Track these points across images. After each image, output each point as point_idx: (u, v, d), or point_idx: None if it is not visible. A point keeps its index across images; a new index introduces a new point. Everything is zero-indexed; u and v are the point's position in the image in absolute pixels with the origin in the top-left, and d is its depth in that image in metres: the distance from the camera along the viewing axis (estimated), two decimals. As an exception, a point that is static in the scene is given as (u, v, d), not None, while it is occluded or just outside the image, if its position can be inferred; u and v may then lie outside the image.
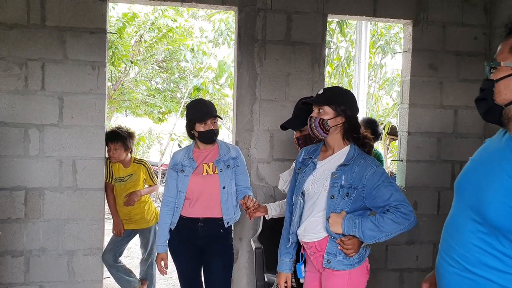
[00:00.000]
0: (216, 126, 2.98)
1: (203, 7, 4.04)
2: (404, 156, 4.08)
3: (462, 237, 1.47)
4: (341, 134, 2.32)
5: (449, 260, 1.51)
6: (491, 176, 1.38)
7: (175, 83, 11.02)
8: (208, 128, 2.93)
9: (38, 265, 3.59)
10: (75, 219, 3.62)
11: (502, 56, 1.39)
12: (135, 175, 3.99)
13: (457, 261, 1.48)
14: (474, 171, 1.50)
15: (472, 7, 4.05)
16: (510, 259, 1.35)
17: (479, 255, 1.41)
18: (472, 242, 1.43)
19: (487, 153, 1.49)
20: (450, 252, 1.51)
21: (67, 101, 3.56)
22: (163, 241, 3.00)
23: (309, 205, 2.33)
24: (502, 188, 1.33)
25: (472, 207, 1.43)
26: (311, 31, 3.85)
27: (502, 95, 1.38)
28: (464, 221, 1.47)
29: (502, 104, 1.38)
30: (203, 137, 2.97)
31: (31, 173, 3.54)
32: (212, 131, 2.95)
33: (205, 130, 2.93)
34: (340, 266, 2.24)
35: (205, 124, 2.93)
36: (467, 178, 1.53)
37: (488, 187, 1.37)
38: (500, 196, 1.33)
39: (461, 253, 1.46)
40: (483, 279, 1.40)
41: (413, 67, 4.00)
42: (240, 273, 3.90)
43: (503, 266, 1.36)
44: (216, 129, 2.99)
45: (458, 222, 1.51)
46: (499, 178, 1.34)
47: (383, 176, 2.23)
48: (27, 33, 3.48)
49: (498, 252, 1.37)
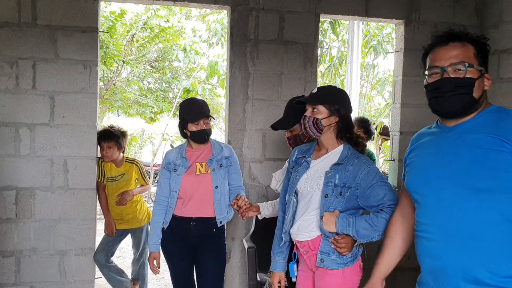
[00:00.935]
0: (208, 126, 2.98)
1: (196, 6, 4.03)
2: (396, 156, 4.10)
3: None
4: (334, 134, 2.32)
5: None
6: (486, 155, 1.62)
7: (167, 83, 10.99)
8: (201, 128, 2.93)
9: (29, 266, 3.57)
10: (67, 219, 3.60)
11: (470, 60, 1.71)
12: (127, 175, 3.98)
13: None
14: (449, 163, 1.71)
15: (464, 7, 4.08)
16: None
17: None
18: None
19: (442, 145, 1.75)
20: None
21: (58, 100, 3.54)
22: (155, 241, 2.99)
23: (303, 204, 2.33)
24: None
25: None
26: (303, 30, 3.85)
27: (477, 91, 1.70)
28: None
29: (477, 98, 1.71)
30: (195, 137, 2.96)
31: (22, 172, 3.51)
32: (205, 131, 2.94)
33: (198, 130, 2.92)
34: (333, 265, 2.24)
35: (197, 124, 2.92)
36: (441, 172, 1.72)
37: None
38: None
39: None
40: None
41: (405, 67, 4.01)
42: (233, 273, 3.90)
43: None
44: (208, 129, 2.98)
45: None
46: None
47: (377, 175, 2.24)
48: (18, 32, 3.46)
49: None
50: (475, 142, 1.64)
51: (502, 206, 1.58)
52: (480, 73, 1.71)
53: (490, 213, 1.59)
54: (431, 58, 1.77)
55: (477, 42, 1.74)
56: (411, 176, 1.83)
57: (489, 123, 1.67)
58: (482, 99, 1.73)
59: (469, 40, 1.74)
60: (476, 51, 1.73)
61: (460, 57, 1.71)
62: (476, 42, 1.74)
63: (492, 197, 1.59)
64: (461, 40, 1.73)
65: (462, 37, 1.74)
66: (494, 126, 1.65)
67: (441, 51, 1.74)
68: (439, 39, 1.77)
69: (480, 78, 1.70)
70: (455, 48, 1.73)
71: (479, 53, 1.73)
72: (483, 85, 1.73)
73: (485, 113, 1.72)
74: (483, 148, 1.62)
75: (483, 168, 1.60)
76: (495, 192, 1.58)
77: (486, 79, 1.74)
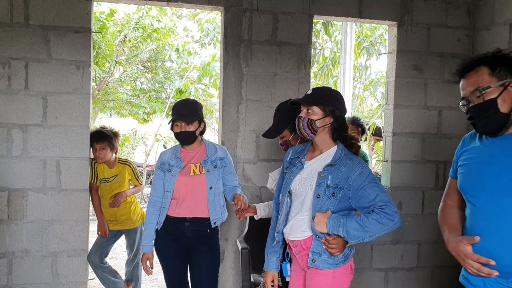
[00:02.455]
0: (188, 128, 2.92)
1: (189, 6, 4.03)
2: (389, 157, 4.12)
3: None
4: (329, 135, 2.33)
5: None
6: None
7: (160, 83, 10.96)
8: (179, 130, 2.93)
9: (21, 267, 3.54)
10: (59, 220, 3.58)
11: (485, 82, 1.84)
12: (120, 176, 3.96)
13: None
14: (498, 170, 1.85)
15: (456, 9, 4.10)
16: None
17: None
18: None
19: (498, 153, 1.86)
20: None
21: (51, 100, 3.52)
22: (149, 241, 2.98)
23: (296, 204, 2.34)
24: None
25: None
26: (297, 31, 3.86)
27: (505, 106, 1.82)
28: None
29: (507, 112, 1.82)
30: (177, 138, 3.00)
31: (14, 173, 3.49)
32: (184, 133, 2.92)
33: (177, 131, 2.95)
34: (324, 266, 2.25)
35: (177, 126, 2.93)
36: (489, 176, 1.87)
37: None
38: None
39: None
40: None
41: (398, 68, 4.03)
42: (226, 274, 3.90)
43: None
44: (188, 131, 2.92)
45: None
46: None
47: (369, 177, 2.25)
48: (10, 32, 3.43)
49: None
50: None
51: None
52: (503, 87, 1.82)
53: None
54: (461, 90, 1.95)
55: (490, 61, 1.86)
56: (466, 178, 1.96)
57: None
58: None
59: (481, 63, 1.87)
60: (491, 70, 1.84)
61: (475, 84, 1.85)
62: (488, 62, 1.86)
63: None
64: (473, 68, 1.88)
65: (474, 64, 1.89)
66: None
67: (462, 84, 1.94)
68: (458, 73, 1.96)
69: (504, 91, 1.81)
70: (470, 78, 1.89)
71: (496, 69, 1.84)
72: (510, 96, 1.83)
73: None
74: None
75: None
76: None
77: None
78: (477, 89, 1.85)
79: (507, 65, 1.85)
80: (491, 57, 1.88)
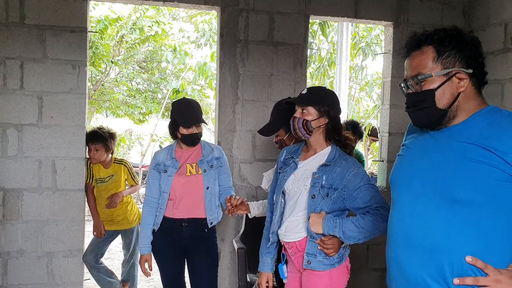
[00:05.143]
0: (200, 130, 2.95)
1: (185, 6, 4.02)
2: (385, 157, 4.13)
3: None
4: (323, 135, 2.32)
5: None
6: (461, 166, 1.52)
7: (156, 84, 10.94)
8: (192, 132, 2.91)
9: (16, 268, 3.53)
10: (55, 220, 3.57)
11: (428, 68, 1.55)
12: (116, 176, 3.95)
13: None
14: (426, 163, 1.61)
15: (451, 10, 4.12)
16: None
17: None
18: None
19: (430, 147, 1.62)
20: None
21: (46, 100, 3.51)
22: (146, 243, 2.96)
23: (290, 204, 2.33)
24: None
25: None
26: (293, 32, 3.86)
27: (444, 100, 1.56)
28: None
29: (445, 108, 1.56)
30: (186, 140, 2.95)
31: (10, 173, 3.47)
32: (196, 135, 2.93)
33: (189, 133, 2.91)
34: (320, 266, 2.24)
35: (189, 128, 2.91)
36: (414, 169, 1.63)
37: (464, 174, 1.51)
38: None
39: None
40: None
41: (394, 68, 4.04)
42: (223, 274, 3.89)
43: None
44: (200, 133, 2.96)
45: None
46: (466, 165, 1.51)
47: (364, 178, 2.25)
48: (6, 32, 3.42)
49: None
50: (461, 151, 1.51)
51: (478, 220, 1.48)
52: (446, 77, 1.54)
53: (462, 227, 1.49)
54: (405, 70, 1.65)
55: (439, 41, 1.55)
56: (396, 172, 1.72)
57: (481, 128, 1.53)
58: (457, 105, 1.56)
59: (429, 42, 1.56)
60: (437, 53, 1.55)
61: (417, 68, 1.57)
62: (437, 42, 1.55)
63: (468, 209, 1.48)
64: (420, 46, 1.58)
65: (421, 42, 1.58)
66: (484, 133, 1.50)
67: (406, 63, 1.63)
68: (403, 50, 1.64)
69: (446, 82, 1.54)
70: (415, 58, 1.59)
71: (443, 53, 1.54)
72: (453, 88, 1.55)
73: (478, 115, 1.56)
74: (468, 158, 1.49)
75: (465, 180, 1.48)
76: (474, 205, 1.48)
77: (459, 79, 1.55)
78: (416, 75, 1.56)
79: (458, 49, 1.54)
80: (441, 36, 1.56)
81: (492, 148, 1.47)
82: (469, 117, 1.57)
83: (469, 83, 1.57)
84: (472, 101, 1.58)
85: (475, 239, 1.49)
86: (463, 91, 1.56)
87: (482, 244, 1.49)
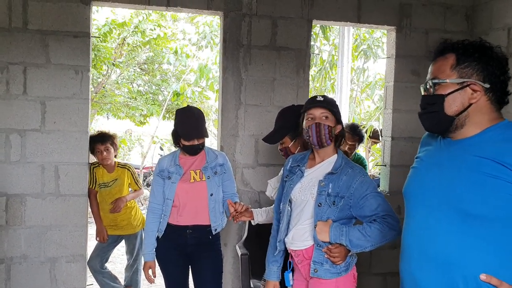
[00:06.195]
0: (201, 141, 2.93)
1: (188, 11, 4.02)
2: (388, 161, 4.12)
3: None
4: (333, 143, 2.33)
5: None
6: (469, 178, 1.52)
7: (157, 86, 10.94)
8: (193, 143, 2.90)
9: (19, 273, 3.53)
10: (58, 226, 3.56)
11: (445, 74, 1.59)
12: (119, 180, 3.95)
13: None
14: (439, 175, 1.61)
15: (454, 14, 4.12)
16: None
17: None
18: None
19: (443, 160, 1.62)
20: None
21: (49, 105, 3.51)
22: (150, 249, 2.96)
23: (297, 212, 2.33)
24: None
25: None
26: (296, 36, 3.86)
27: (453, 107, 1.57)
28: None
29: (453, 115, 1.57)
30: (187, 150, 2.95)
31: (13, 179, 3.47)
32: (197, 145, 2.92)
33: (190, 145, 2.91)
34: (327, 275, 2.23)
35: (189, 141, 2.90)
36: (427, 182, 1.64)
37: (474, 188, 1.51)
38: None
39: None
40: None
41: (397, 72, 4.04)
42: (226, 279, 3.88)
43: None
44: (201, 143, 2.94)
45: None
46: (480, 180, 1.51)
47: (371, 186, 2.25)
48: (9, 37, 3.42)
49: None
50: (475, 165, 1.51)
51: (492, 234, 1.48)
52: (459, 86, 1.55)
53: (475, 241, 1.50)
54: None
55: (462, 51, 1.58)
56: (411, 184, 1.74)
57: (495, 142, 1.52)
58: (466, 115, 1.56)
59: (453, 50, 1.60)
60: (457, 61, 1.57)
61: (436, 72, 1.61)
62: (459, 51, 1.59)
63: (481, 224, 1.49)
64: (444, 53, 1.62)
65: (446, 49, 1.62)
66: (499, 148, 1.50)
67: (431, 67, 1.67)
68: (431, 55, 1.69)
69: (458, 90, 1.56)
70: (437, 63, 1.64)
71: (462, 62, 1.57)
72: (465, 98, 1.56)
73: (493, 129, 1.55)
74: (482, 173, 1.49)
75: (478, 194, 1.48)
76: (487, 219, 1.48)
77: (473, 91, 1.55)
78: (432, 79, 1.61)
79: (479, 61, 1.55)
80: (466, 46, 1.59)
81: (507, 164, 1.47)
82: (482, 131, 1.57)
83: (484, 97, 1.56)
84: (485, 115, 1.57)
85: (489, 253, 1.49)
86: (475, 103, 1.56)
87: (496, 259, 1.49)
